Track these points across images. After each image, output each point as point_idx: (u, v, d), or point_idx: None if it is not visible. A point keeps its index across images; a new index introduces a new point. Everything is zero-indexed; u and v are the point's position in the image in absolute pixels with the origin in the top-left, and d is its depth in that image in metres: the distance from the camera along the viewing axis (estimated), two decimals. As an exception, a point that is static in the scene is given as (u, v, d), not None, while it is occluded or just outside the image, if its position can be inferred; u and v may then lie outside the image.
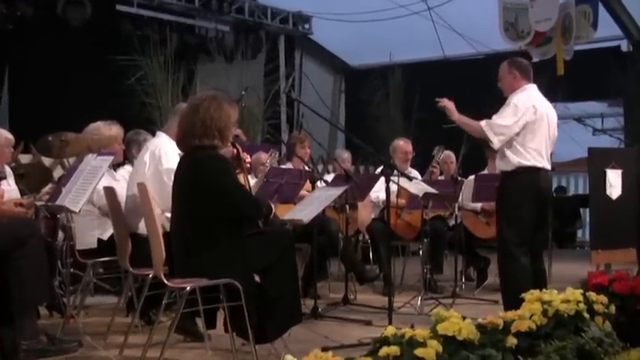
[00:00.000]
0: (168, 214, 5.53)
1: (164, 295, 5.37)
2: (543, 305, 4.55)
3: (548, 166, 6.72)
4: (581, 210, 15.95)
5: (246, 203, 5.39)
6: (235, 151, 5.93)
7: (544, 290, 4.77)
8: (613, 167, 7.34)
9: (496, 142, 6.57)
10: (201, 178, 5.20)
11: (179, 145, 5.50)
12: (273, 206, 5.76)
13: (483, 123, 6.58)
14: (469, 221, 9.21)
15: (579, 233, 16.46)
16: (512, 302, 5.10)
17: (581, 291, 4.82)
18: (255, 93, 13.01)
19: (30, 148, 10.45)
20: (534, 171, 6.57)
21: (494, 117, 6.59)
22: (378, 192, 8.64)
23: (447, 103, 6.76)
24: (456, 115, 6.73)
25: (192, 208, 5.23)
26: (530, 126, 6.54)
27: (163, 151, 6.16)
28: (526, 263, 6.53)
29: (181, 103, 7.13)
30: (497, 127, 6.53)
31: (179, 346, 6.01)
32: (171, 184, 5.51)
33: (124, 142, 7.38)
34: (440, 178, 9.46)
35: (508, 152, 6.59)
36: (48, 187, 7.07)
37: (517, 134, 6.53)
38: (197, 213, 5.20)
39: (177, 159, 5.62)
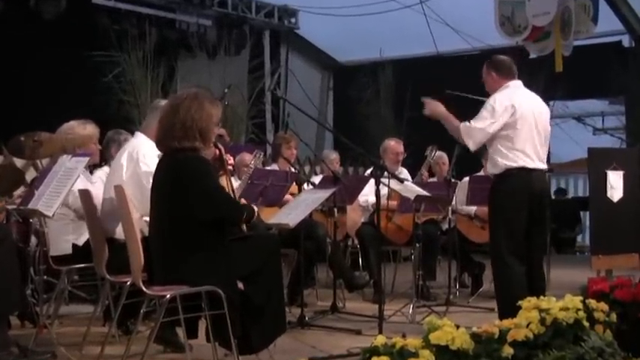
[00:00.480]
0: (148, 218, 5.52)
1: (143, 303, 5.36)
2: (541, 313, 4.56)
3: (542, 166, 6.68)
4: (581, 213, 16.02)
5: (227, 205, 5.38)
6: (218, 152, 5.92)
7: (542, 297, 4.77)
8: (614, 168, 7.35)
9: (471, 145, 6.62)
10: (181, 180, 5.19)
11: (158, 146, 5.49)
12: (256, 209, 5.74)
13: (462, 126, 6.59)
14: (463, 225, 9.22)
15: (579, 238, 16.53)
16: (507, 311, 5.11)
17: (581, 298, 4.82)
18: (239, 91, 13.04)
19: (1, 149, 10.40)
20: (525, 172, 6.53)
21: (472, 120, 6.60)
22: (367, 195, 8.65)
23: (432, 108, 6.78)
24: (440, 115, 6.74)
25: (171, 211, 5.22)
26: (511, 126, 6.51)
27: (141, 153, 6.13)
28: (519, 270, 6.51)
29: (159, 99, 7.09)
30: (472, 129, 6.55)
31: (159, 357, 6.01)
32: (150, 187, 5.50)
33: (101, 142, 7.36)
34: (432, 179, 9.48)
35: (494, 155, 6.59)
36: (20, 191, 7.04)
37: (499, 137, 6.52)
38: (177, 216, 5.19)
39: (156, 159, 5.61)
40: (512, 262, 6.48)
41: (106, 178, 6.56)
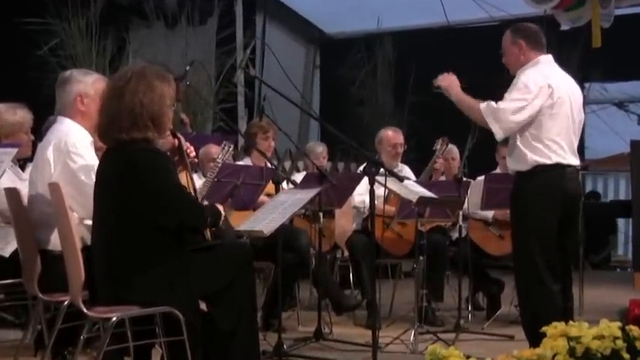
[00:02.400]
0: (89, 222, 5.50)
1: (83, 327, 5.35)
2: (570, 342, 4.56)
3: (576, 162, 6.67)
4: (622, 221, 16.03)
5: (188, 208, 5.36)
6: (176, 141, 5.91)
7: (571, 323, 4.78)
8: (663, 166, 7.39)
9: (498, 131, 6.53)
10: (131, 177, 5.17)
11: (102, 138, 5.46)
12: (223, 211, 5.72)
13: (483, 105, 6.54)
14: (477, 234, 9.22)
15: (619, 250, 16.54)
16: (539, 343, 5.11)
17: (619, 324, 4.83)
18: (204, 68, 13.00)
19: None
20: (559, 169, 6.53)
21: (500, 102, 6.54)
22: (363, 195, 8.64)
23: (445, 81, 6.76)
24: (455, 93, 6.72)
25: (119, 216, 5.20)
26: (546, 111, 6.49)
27: (70, 144, 5.94)
28: (556, 288, 6.48)
29: (70, 71, 6.83)
30: (500, 111, 6.48)
31: (102, 394, 6.01)
32: (91, 182, 5.48)
33: (34, 131, 7.32)
34: (440, 178, 9.49)
35: (521, 147, 6.55)
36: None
37: (530, 123, 6.49)
38: (126, 222, 5.18)
39: (90, 149, 5.60)
40: (548, 280, 6.44)
41: (29, 178, 6.42)
